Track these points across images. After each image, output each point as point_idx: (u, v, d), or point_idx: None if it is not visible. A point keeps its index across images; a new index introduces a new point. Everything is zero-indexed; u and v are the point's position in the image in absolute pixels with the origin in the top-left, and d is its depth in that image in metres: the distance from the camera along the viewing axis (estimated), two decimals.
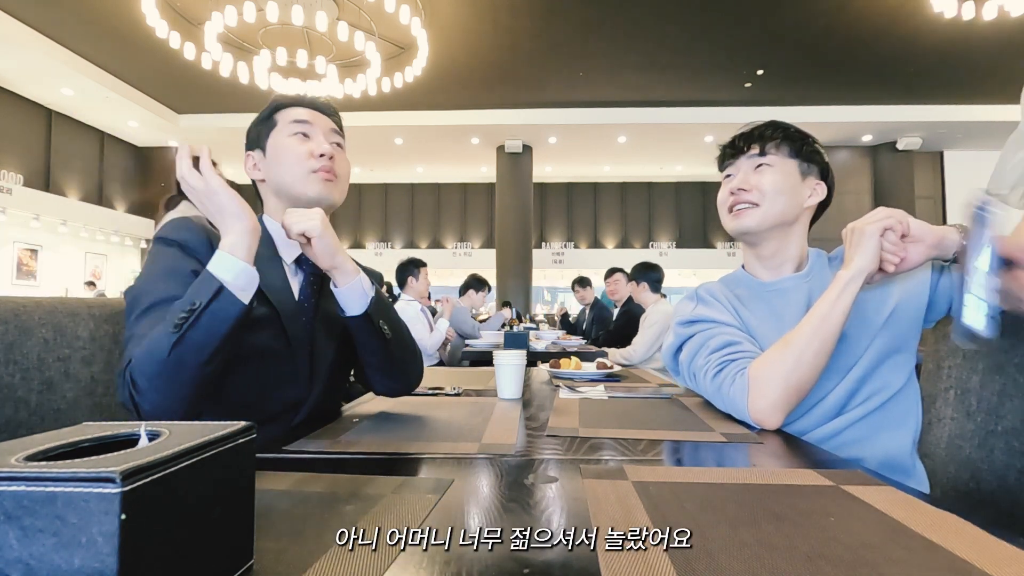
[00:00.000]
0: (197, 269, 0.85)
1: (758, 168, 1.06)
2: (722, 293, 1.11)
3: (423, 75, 7.00)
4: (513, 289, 9.54)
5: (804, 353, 0.90)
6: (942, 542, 0.44)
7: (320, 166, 0.98)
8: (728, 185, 1.09)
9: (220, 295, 0.76)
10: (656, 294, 3.65)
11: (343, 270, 0.92)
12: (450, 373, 1.72)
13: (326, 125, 1.03)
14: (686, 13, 6.13)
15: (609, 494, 0.55)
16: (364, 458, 0.71)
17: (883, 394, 0.96)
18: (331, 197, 1.00)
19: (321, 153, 0.98)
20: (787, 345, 0.92)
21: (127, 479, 0.26)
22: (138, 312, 0.83)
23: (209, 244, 0.89)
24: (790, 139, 1.07)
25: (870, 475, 0.63)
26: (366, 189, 12.92)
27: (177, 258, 0.88)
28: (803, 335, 0.91)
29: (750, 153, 1.08)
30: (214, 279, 0.77)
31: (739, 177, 1.07)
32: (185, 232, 0.91)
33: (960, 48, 6.69)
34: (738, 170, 1.08)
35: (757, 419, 0.91)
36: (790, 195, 1.05)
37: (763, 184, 1.05)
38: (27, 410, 0.89)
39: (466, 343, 4.02)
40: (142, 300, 0.84)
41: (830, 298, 0.92)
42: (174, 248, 0.90)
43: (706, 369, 1.00)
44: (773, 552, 0.42)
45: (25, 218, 8.08)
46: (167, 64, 7.12)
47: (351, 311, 0.94)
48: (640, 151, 10.61)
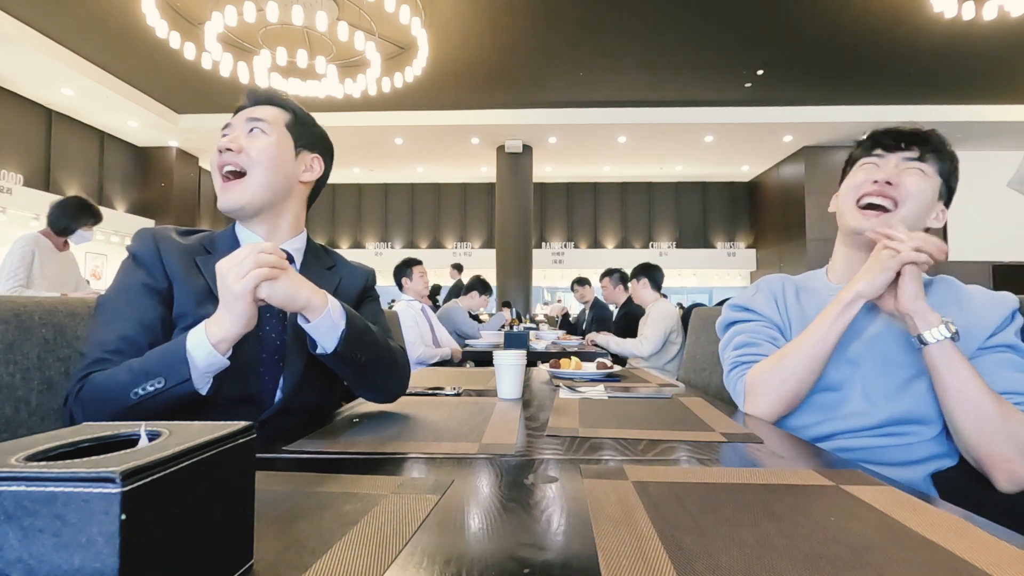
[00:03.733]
0: (147, 282, 0.89)
1: (908, 169, 0.99)
2: (779, 286, 1.14)
3: (423, 75, 7.00)
4: (513, 289, 9.53)
5: (797, 368, 0.95)
6: (942, 542, 0.44)
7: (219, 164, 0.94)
8: (872, 174, 1.00)
9: (185, 384, 0.76)
10: (656, 292, 3.66)
11: (312, 307, 0.83)
12: (450, 373, 1.72)
13: (247, 115, 0.98)
14: (686, 13, 6.12)
15: (609, 494, 0.55)
16: (364, 458, 0.71)
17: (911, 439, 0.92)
18: (235, 202, 0.94)
19: (218, 149, 0.94)
20: (781, 359, 0.97)
21: (127, 479, 0.26)
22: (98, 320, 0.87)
23: (156, 250, 0.91)
24: (946, 156, 1.01)
25: (870, 475, 0.63)
26: (366, 189, 12.92)
27: (129, 271, 0.91)
28: (799, 351, 0.95)
29: (907, 154, 1.00)
30: (186, 367, 0.76)
31: (888, 170, 0.99)
32: (138, 242, 0.93)
33: (960, 48, 6.69)
34: (887, 163, 1.01)
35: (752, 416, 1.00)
36: (927, 209, 1.00)
37: (909, 186, 0.98)
38: (27, 410, 0.89)
39: (466, 343, 4.02)
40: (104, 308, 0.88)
41: (828, 318, 0.94)
42: (129, 260, 0.92)
43: (726, 361, 1.10)
44: (773, 552, 0.42)
45: (25, 218, 8.07)
46: (167, 64, 7.12)
47: (323, 346, 0.87)
48: (640, 151, 10.60)
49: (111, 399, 0.76)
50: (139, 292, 0.88)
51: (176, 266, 0.91)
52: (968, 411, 0.84)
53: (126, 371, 0.78)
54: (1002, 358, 0.90)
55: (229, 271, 0.76)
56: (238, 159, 0.94)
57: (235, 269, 0.76)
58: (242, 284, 0.75)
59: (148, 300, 0.89)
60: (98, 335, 0.85)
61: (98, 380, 0.78)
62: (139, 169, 10.24)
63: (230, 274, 0.76)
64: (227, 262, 0.77)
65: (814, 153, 9.94)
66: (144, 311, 0.88)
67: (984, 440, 0.83)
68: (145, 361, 0.78)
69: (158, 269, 0.90)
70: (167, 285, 0.90)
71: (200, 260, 0.94)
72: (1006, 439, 0.82)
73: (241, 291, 0.75)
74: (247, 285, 0.75)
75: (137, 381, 0.76)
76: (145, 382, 0.75)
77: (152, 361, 0.78)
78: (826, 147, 9.90)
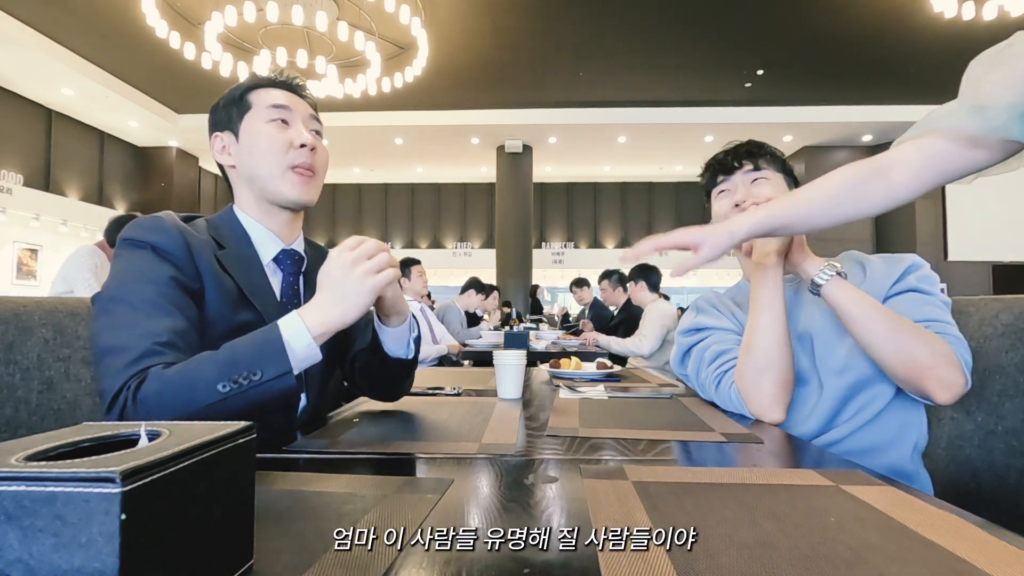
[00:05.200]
0: (179, 278, 0.78)
1: (755, 182, 1.11)
2: (719, 301, 1.18)
3: (423, 75, 7.00)
4: (513, 289, 9.53)
5: (770, 350, 0.97)
6: (942, 542, 0.44)
7: (300, 162, 0.90)
8: (730, 199, 1.12)
9: (285, 376, 0.69)
10: (654, 294, 3.66)
11: (403, 312, 0.87)
12: (450, 373, 1.72)
13: (305, 111, 0.95)
14: (686, 13, 6.12)
15: (609, 494, 0.55)
16: (364, 458, 0.71)
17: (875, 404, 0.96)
18: (307, 198, 0.93)
19: (302, 143, 0.90)
20: (749, 349, 1.00)
21: (127, 479, 0.26)
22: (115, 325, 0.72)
23: (187, 245, 0.80)
24: (775, 156, 1.13)
25: (870, 475, 0.63)
26: (366, 189, 12.91)
27: (150, 261, 0.78)
28: (758, 334, 0.99)
29: (745, 169, 1.11)
30: (286, 358, 0.69)
31: (741, 191, 1.10)
32: (158, 233, 0.80)
33: (960, 48, 6.69)
34: (735, 185, 1.12)
35: (761, 419, 0.98)
36: None
37: (764, 195, 1.08)
38: (27, 410, 0.89)
39: (465, 343, 4.02)
40: (114, 309, 0.73)
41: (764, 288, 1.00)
42: (146, 251, 0.79)
43: (709, 382, 1.09)
44: (773, 552, 0.42)
45: (25, 218, 8.07)
46: (167, 64, 7.11)
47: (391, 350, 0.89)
48: (640, 151, 10.61)
49: (189, 395, 0.66)
50: (171, 285, 0.77)
51: (207, 267, 0.82)
52: (879, 332, 0.89)
53: (208, 361, 0.68)
54: (904, 298, 0.97)
55: (357, 263, 0.72)
56: (315, 161, 0.93)
57: (366, 263, 0.72)
58: (375, 280, 0.72)
59: (184, 297, 0.78)
60: (141, 325, 0.71)
61: (167, 374, 0.67)
62: (139, 169, 10.24)
63: (359, 267, 0.72)
64: (353, 254, 0.72)
65: (814, 153, 9.95)
66: (186, 307, 0.78)
67: (906, 355, 0.87)
68: (231, 352, 0.69)
69: (190, 268, 0.80)
70: (199, 287, 0.81)
71: (221, 256, 0.86)
72: (923, 347, 0.87)
73: (373, 286, 0.72)
74: (380, 281, 0.73)
75: (225, 373, 0.66)
76: (234, 373, 0.66)
77: (242, 352, 0.69)
78: (826, 147, 9.90)
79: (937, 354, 0.86)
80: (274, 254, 0.94)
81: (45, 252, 8.89)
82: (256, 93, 0.94)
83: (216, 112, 0.96)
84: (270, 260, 0.93)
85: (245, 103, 0.93)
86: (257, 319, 0.84)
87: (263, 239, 0.93)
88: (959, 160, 0.79)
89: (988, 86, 0.74)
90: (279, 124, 0.91)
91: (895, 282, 0.99)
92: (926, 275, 0.99)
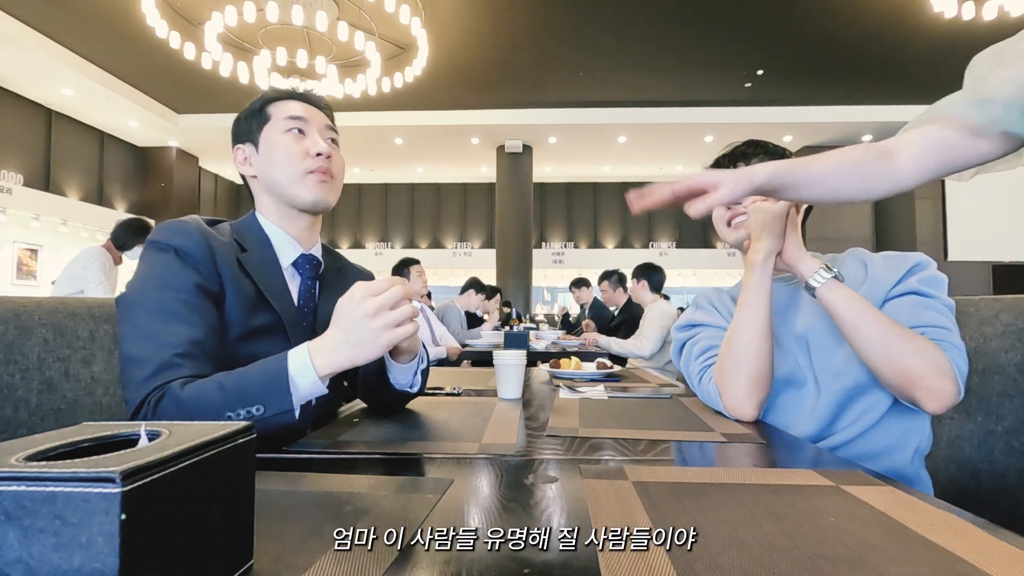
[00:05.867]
0: (201, 283, 0.81)
1: None
2: (719, 298, 1.19)
3: (423, 75, 6.99)
4: (513, 289, 9.53)
5: (748, 344, 0.96)
6: (942, 542, 0.44)
7: (317, 167, 0.95)
8: None
9: (286, 414, 0.71)
10: (655, 294, 3.66)
11: (412, 351, 0.90)
12: (450, 373, 1.72)
13: (321, 121, 0.99)
14: (686, 13, 6.12)
15: (609, 494, 0.55)
16: (364, 458, 0.71)
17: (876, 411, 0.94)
18: (327, 200, 0.97)
19: (318, 152, 0.95)
20: (729, 343, 0.99)
21: (127, 479, 0.26)
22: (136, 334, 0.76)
23: (209, 249, 0.84)
24: (771, 155, 1.11)
25: (870, 475, 0.63)
26: (366, 189, 12.91)
27: (173, 266, 0.81)
28: (739, 328, 0.98)
29: None
30: (288, 396, 0.70)
31: None
32: (181, 237, 0.83)
33: (960, 48, 6.69)
34: None
35: (734, 415, 0.98)
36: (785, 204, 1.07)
37: None
38: (27, 410, 0.89)
39: (465, 343, 4.02)
40: (136, 315, 0.77)
41: (750, 285, 0.99)
42: (169, 254, 0.82)
43: (694, 376, 1.09)
44: (773, 552, 0.42)
45: (25, 218, 8.07)
46: (167, 64, 7.11)
47: (398, 382, 0.93)
48: (640, 151, 10.60)
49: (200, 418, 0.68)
50: (194, 292, 0.80)
51: (227, 270, 0.85)
52: (872, 338, 0.88)
53: (217, 390, 0.71)
54: (903, 301, 0.95)
55: (379, 313, 0.72)
56: (331, 167, 0.97)
57: (387, 315, 0.72)
58: (391, 335, 0.72)
59: (206, 303, 0.81)
60: (160, 336, 0.75)
61: (185, 395, 0.71)
62: (139, 169, 10.24)
63: (380, 318, 0.72)
64: (376, 301, 0.72)
65: (814, 153, 9.95)
66: (206, 313, 0.81)
67: (896, 364, 0.86)
68: (239, 382, 0.72)
69: (211, 272, 0.83)
70: (219, 290, 0.84)
71: (242, 259, 0.89)
72: (915, 356, 0.85)
73: (388, 341, 0.73)
74: (397, 337, 0.73)
75: (231, 404, 0.70)
76: (241, 407, 0.70)
77: (249, 384, 0.71)
78: (826, 147, 9.87)
79: (929, 363, 0.85)
80: (293, 258, 0.97)
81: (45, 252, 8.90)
82: (274, 106, 0.98)
83: (237, 125, 1.01)
84: (289, 264, 0.97)
85: (264, 115, 0.97)
86: (275, 321, 0.89)
87: (283, 244, 0.97)
88: (962, 149, 0.79)
89: (992, 82, 0.74)
90: (296, 134, 0.96)
91: (896, 283, 0.97)
92: (930, 276, 0.96)
